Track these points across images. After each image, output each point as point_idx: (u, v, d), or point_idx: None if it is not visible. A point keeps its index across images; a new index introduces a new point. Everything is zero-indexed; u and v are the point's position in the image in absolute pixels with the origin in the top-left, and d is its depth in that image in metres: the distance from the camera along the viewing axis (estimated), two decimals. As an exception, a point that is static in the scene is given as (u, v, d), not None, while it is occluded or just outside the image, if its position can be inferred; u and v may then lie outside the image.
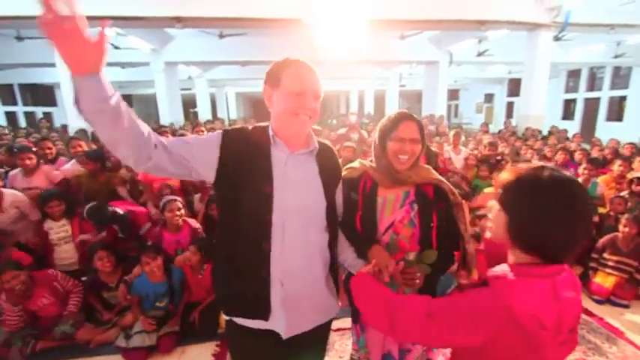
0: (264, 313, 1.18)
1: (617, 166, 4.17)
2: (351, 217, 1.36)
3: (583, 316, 2.79)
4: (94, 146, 4.70)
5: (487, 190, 4.05)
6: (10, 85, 14.78)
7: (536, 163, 0.90)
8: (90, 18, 0.81)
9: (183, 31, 8.98)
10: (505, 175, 0.88)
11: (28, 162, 3.26)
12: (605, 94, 13.99)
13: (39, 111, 15.77)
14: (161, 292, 2.59)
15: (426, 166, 1.45)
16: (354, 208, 1.36)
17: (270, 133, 1.17)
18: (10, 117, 14.72)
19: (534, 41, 7.57)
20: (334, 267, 1.33)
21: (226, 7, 6.31)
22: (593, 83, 14.63)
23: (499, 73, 16.12)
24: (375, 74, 16.19)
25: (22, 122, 14.68)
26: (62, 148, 5.05)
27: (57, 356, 2.44)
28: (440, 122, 9.28)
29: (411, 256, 1.34)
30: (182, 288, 2.70)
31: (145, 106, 20.22)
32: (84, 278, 2.87)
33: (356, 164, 1.45)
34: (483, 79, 17.87)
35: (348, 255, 1.35)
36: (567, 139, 7.41)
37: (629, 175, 4.01)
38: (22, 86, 15.15)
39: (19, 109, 15.28)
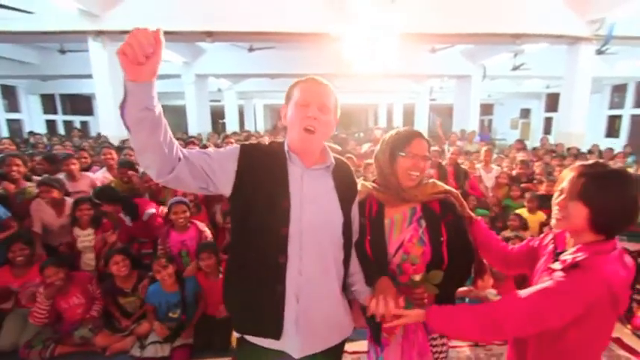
0: (276, 331, 1.17)
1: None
2: (360, 242, 1.36)
3: (625, 354, 2.58)
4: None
5: (519, 210, 3.88)
6: (52, 95, 15.82)
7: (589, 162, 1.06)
8: (127, 32, 0.86)
9: (214, 45, 9.35)
10: (573, 172, 1.04)
11: (72, 167, 3.58)
12: (655, 111, 13.21)
13: (77, 120, 16.75)
14: (174, 302, 2.64)
15: (430, 180, 1.44)
16: (363, 232, 1.37)
17: (286, 148, 1.21)
18: (50, 125, 15.72)
19: (574, 55, 7.29)
20: (347, 284, 1.33)
21: (255, 21, 6.53)
22: (641, 100, 13.84)
23: (536, 87, 15.61)
24: (404, 87, 16.11)
25: (61, 130, 15.62)
26: (95, 156, 5.32)
27: (74, 362, 2.52)
28: (471, 138, 9.04)
29: (417, 277, 1.33)
30: (196, 300, 2.73)
31: (176, 116, 21.04)
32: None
33: (358, 187, 1.44)
34: (519, 93, 17.37)
35: (356, 279, 1.33)
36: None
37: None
38: (62, 96, 16.18)
39: (59, 118, 16.28)
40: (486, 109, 21.31)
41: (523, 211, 3.85)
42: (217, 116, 17.13)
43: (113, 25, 6.40)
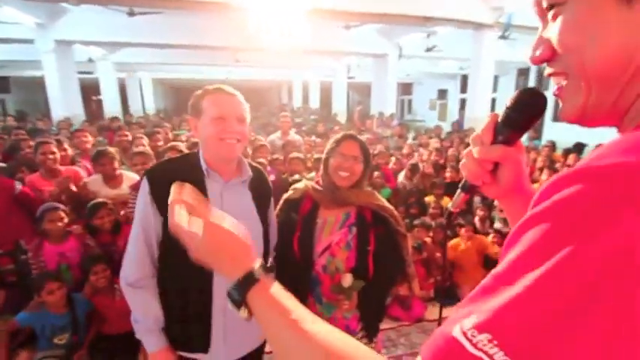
0: (204, 346, 1.40)
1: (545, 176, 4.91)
2: (288, 238, 1.62)
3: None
4: None
5: (427, 198, 4.58)
6: None
7: None
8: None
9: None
10: None
11: None
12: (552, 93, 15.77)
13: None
14: (61, 325, 2.57)
15: (369, 189, 1.76)
16: (292, 228, 1.63)
17: (204, 166, 1.39)
18: None
19: (479, 39, 8.48)
20: None
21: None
22: (541, 82, 16.45)
23: (451, 68, 17.32)
24: (320, 64, 16.54)
25: None
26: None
27: None
28: (389, 122, 9.82)
29: (346, 282, 1.58)
30: (88, 320, 2.72)
31: (30, 91, 18.48)
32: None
33: (300, 185, 1.75)
34: (436, 74, 19.04)
35: None
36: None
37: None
38: None
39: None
40: (406, 88, 23.00)
41: (431, 199, 4.57)
42: (90, 92, 15.66)
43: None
